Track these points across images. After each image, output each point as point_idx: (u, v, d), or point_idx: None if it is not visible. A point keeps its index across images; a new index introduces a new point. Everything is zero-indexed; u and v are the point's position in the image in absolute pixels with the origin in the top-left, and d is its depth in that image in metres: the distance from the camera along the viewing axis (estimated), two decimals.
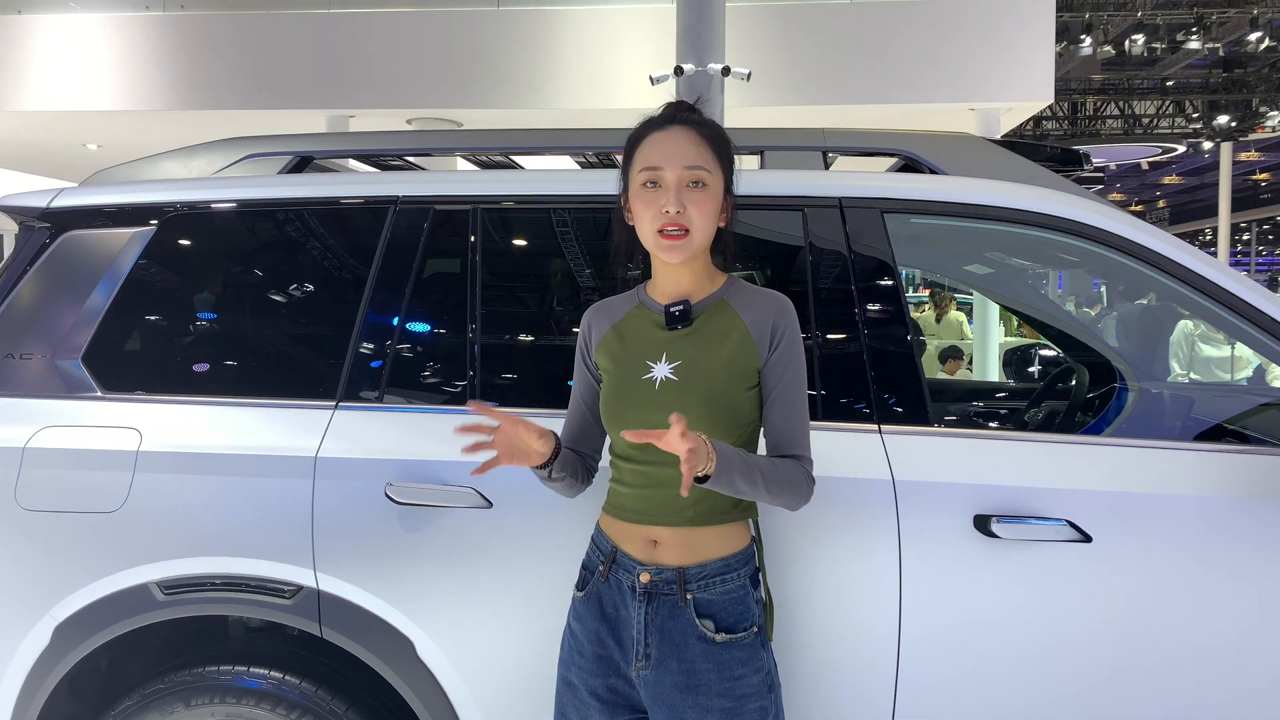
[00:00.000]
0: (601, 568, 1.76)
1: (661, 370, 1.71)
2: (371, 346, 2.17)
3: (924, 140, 2.30)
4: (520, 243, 2.37)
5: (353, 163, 2.78)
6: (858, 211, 2.13)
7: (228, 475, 2.09)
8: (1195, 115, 25.59)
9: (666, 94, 7.17)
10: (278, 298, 2.33)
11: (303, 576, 2.06)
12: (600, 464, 1.91)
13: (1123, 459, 1.98)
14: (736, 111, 6.86)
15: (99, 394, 2.19)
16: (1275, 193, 37.71)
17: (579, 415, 1.88)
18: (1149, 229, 2.06)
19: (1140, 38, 18.88)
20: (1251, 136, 26.17)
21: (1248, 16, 18.83)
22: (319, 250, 2.34)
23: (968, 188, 2.13)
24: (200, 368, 2.26)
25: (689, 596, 1.68)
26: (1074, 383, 3.15)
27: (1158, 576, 1.90)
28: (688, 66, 5.70)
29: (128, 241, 2.30)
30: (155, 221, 2.31)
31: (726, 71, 5.77)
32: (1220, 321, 2.07)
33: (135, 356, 2.27)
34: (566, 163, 2.76)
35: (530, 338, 2.36)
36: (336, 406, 2.14)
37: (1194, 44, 18.66)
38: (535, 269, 2.39)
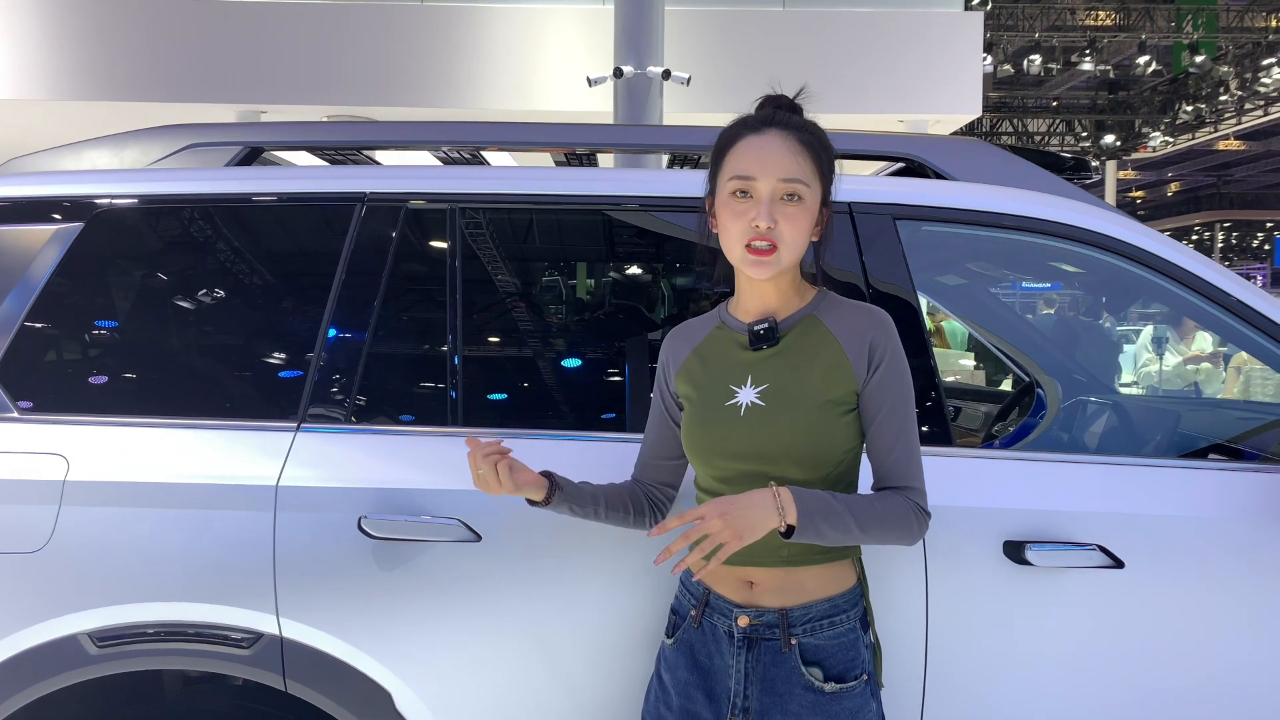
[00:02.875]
0: (694, 612, 1.59)
1: (747, 395, 1.54)
2: (338, 360, 1.94)
3: (932, 144, 2.19)
4: (505, 246, 2.16)
5: (306, 156, 2.52)
6: (870, 218, 2.01)
7: (173, 508, 1.83)
8: (1084, 134, 26.80)
9: (602, 96, 7.02)
10: (227, 305, 2.08)
11: (263, 623, 1.81)
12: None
13: (1153, 479, 1.90)
14: (672, 117, 6.74)
15: (14, 415, 1.90)
16: (1151, 209, 39.84)
17: (649, 446, 1.72)
18: (1178, 246, 1.99)
19: (1037, 58, 19.64)
20: (1134, 155, 27.57)
21: (1136, 40, 19.79)
22: (274, 253, 2.09)
23: (992, 196, 2.02)
24: (138, 384, 1.99)
25: (794, 641, 1.52)
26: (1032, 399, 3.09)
27: (1193, 604, 1.82)
28: (627, 68, 5.55)
29: (49, 240, 2.01)
30: (82, 218, 2.02)
31: (667, 75, 5.64)
32: (1243, 340, 2.01)
33: (60, 371, 1.98)
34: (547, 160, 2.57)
35: (517, 350, 2.16)
36: (299, 428, 1.90)
37: (1087, 65, 19.51)
38: (522, 275, 2.19)
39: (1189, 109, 22.83)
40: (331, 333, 1.95)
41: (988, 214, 2.01)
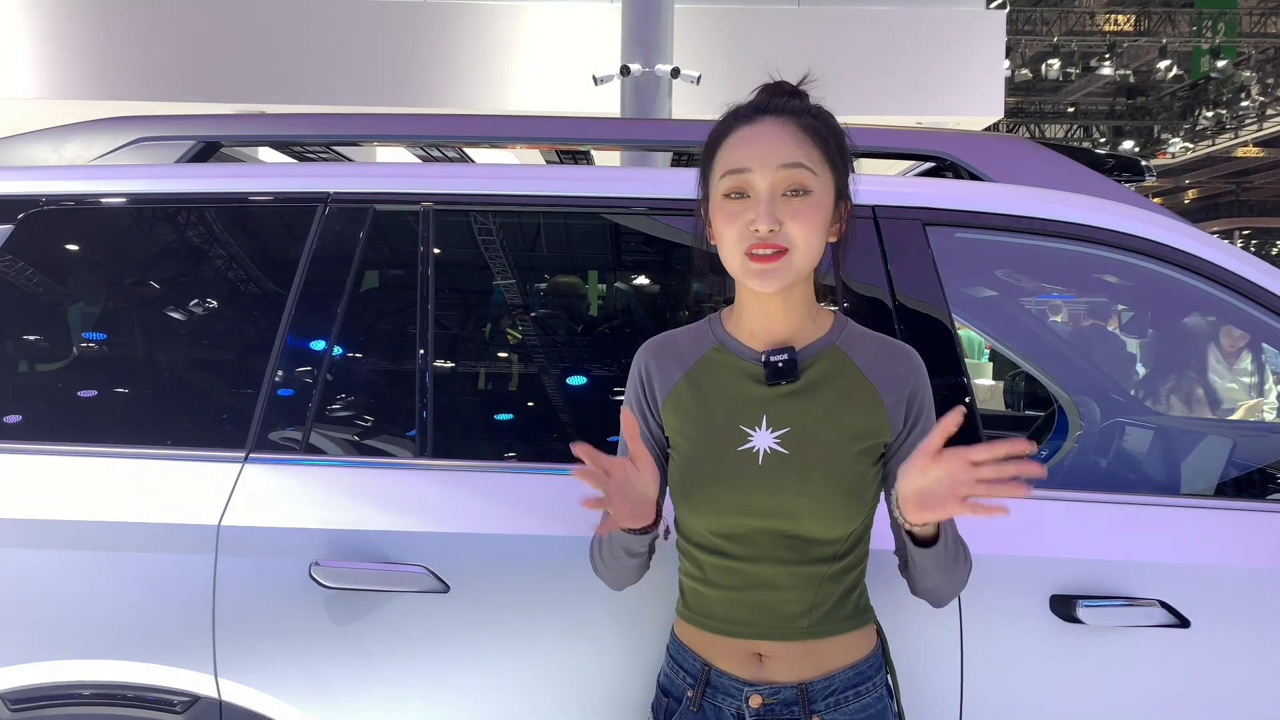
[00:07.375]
0: (690, 693, 1.34)
1: (764, 439, 1.30)
2: (293, 381, 1.72)
3: (967, 141, 1.95)
4: (484, 253, 1.94)
5: (269, 153, 2.30)
6: (896, 223, 1.77)
7: (98, 550, 1.61)
8: (1103, 140, 26.44)
9: (609, 96, 6.80)
10: (171, 318, 1.86)
11: (199, 683, 1.60)
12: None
13: (1220, 524, 1.65)
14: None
15: None
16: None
17: None
18: (1257, 262, 1.74)
19: (1055, 62, 19.34)
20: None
21: (1156, 44, 19.48)
22: (227, 259, 1.87)
23: (1037, 199, 1.78)
24: (64, 407, 1.77)
25: (815, 719, 1.29)
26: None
27: (1269, 669, 1.58)
28: (634, 67, 5.33)
29: None
30: (13, 219, 1.81)
31: (676, 73, 5.42)
32: None
33: None
34: (535, 157, 2.34)
35: (497, 369, 1.93)
36: (246, 459, 1.68)
37: (1106, 69, 19.21)
38: (503, 285, 1.96)
39: (1209, 114, 22.45)
40: (286, 349, 1.73)
41: (1032, 220, 1.77)
